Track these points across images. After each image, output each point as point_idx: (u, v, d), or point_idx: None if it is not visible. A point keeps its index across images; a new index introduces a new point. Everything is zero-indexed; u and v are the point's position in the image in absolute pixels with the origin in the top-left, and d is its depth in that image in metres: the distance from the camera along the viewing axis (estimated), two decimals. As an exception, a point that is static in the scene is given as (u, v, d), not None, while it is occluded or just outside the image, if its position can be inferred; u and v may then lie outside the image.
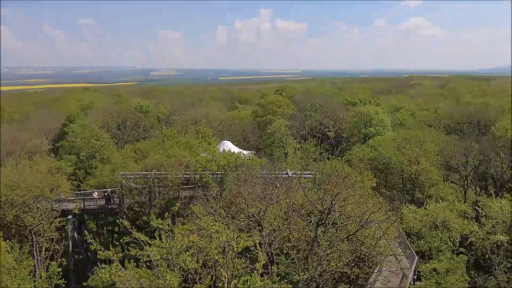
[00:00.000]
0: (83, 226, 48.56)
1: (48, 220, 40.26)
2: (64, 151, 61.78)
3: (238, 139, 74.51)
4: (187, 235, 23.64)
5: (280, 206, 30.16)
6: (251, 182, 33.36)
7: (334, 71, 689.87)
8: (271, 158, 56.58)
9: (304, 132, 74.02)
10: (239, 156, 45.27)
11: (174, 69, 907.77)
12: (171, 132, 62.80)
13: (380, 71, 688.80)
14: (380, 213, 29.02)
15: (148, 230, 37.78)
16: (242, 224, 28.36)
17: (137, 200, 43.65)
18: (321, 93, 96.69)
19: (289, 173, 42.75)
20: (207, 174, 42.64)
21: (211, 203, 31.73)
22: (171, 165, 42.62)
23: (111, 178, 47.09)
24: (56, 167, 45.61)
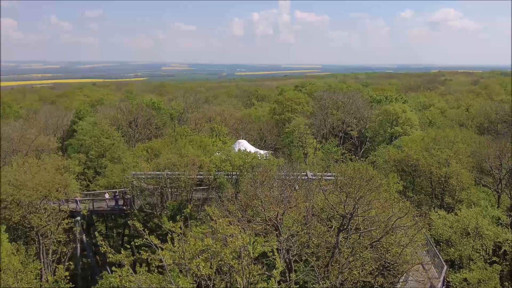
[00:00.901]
0: (92, 228, 49.32)
1: (56, 222, 40.95)
2: (72, 149, 62.83)
3: (254, 138, 74.67)
4: (201, 239, 23.83)
5: (299, 210, 30.13)
6: (268, 184, 33.38)
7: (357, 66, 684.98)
8: (290, 158, 56.57)
9: (325, 131, 73.74)
10: (256, 156, 45.36)
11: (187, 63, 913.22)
12: (184, 131, 63.34)
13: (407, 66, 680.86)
14: (406, 218, 28.76)
15: (159, 233, 38.22)
16: (259, 228, 28.42)
17: (149, 201, 44.17)
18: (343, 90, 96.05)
19: (309, 175, 42.67)
20: (222, 175, 42.86)
21: (225, 205, 31.89)
22: (184, 165, 42.98)
23: (122, 178, 47.73)
24: (64, 166, 46.35)
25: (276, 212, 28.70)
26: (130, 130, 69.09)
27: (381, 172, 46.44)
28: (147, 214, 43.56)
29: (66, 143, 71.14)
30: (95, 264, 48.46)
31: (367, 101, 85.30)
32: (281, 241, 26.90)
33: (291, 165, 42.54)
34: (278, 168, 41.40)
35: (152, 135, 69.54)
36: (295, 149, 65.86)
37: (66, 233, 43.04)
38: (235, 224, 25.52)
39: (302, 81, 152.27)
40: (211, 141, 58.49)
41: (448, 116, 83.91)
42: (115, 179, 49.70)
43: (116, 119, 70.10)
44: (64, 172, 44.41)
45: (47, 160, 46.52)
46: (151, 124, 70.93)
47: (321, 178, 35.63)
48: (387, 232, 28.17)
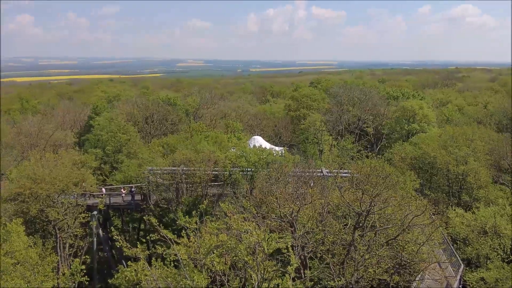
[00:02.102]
0: (108, 222, 49.85)
1: (73, 216, 41.46)
2: (89, 144, 63.51)
3: (269, 134, 74.64)
4: (216, 234, 23.89)
5: (314, 207, 29.99)
6: (284, 180, 33.34)
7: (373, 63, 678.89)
8: (305, 155, 56.42)
9: (341, 128, 73.34)
10: (271, 152, 45.30)
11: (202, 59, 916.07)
12: (200, 126, 63.56)
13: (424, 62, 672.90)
14: (423, 216, 28.45)
15: (174, 228, 38.38)
16: (273, 225, 28.37)
17: (164, 196, 44.44)
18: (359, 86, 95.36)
19: (324, 172, 42.51)
20: (237, 171, 42.90)
21: (240, 201, 31.91)
22: (199, 160, 43.12)
23: (138, 173, 48.09)
24: (81, 161, 46.89)
25: (291, 208, 28.61)
26: (146, 125, 69.55)
27: (398, 169, 46.00)
28: (162, 209, 43.84)
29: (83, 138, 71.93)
30: (111, 258, 48.99)
31: (384, 98, 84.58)
32: (296, 237, 26.81)
33: (306, 162, 42.34)
34: (293, 164, 41.25)
35: (167, 131, 69.92)
36: (311, 146, 65.63)
37: (83, 227, 43.55)
38: (250, 220, 25.51)
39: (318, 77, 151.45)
40: (226, 137, 58.57)
41: (466, 113, 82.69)
42: (131, 174, 50.11)
43: (132, 115, 70.64)
44: (81, 167, 44.90)
45: (64, 154, 47.09)
46: (167, 120, 71.29)
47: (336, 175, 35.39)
48: (403, 230, 27.91)
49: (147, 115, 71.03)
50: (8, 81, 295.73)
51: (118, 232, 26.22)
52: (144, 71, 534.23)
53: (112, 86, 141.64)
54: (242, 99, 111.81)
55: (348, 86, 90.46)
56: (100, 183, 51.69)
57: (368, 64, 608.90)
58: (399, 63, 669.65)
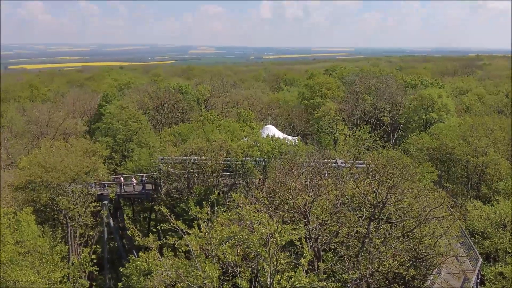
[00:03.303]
0: (119, 212, 50.34)
1: (83, 205, 41.92)
2: (100, 133, 64.00)
3: (282, 123, 74.41)
4: (227, 225, 24.01)
5: (328, 198, 29.98)
6: (297, 170, 33.32)
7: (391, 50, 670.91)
8: (319, 145, 56.22)
9: (356, 117, 72.83)
10: (284, 142, 45.23)
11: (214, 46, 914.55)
12: (211, 115, 63.61)
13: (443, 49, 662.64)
14: (441, 209, 28.26)
15: (186, 218, 38.69)
16: (287, 216, 28.44)
17: (175, 186, 44.72)
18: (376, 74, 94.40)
19: (339, 162, 42.36)
20: (249, 161, 42.94)
21: (253, 191, 31.98)
22: (211, 150, 43.26)
23: (149, 162, 48.40)
24: (92, 149, 47.29)
25: (305, 200, 28.61)
26: (157, 114, 69.79)
27: (415, 160, 45.64)
28: (173, 199, 44.14)
29: (93, 127, 72.45)
30: (122, 248, 49.58)
31: (401, 86, 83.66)
32: (309, 229, 26.84)
33: (320, 152, 42.19)
34: (307, 154, 41.18)
35: (179, 119, 70.08)
36: (325, 136, 65.37)
37: (94, 217, 44.05)
38: (263, 211, 25.60)
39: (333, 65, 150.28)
40: (239, 126, 58.52)
41: (486, 102, 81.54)
42: (142, 163, 50.45)
43: (143, 103, 70.91)
44: (92, 156, 45.28)
45: (75, 143, 47.55)
46: (178, 108, 71.44)
47: (351, 166, 35.26)
48: (420, 222, 27.78)
49: (157, 103, 71.24)
50: (18, 68, 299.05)
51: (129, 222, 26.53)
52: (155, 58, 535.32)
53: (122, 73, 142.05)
54: (255, 87, 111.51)
55: (364, 73, 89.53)
56: (111, 172, 52.15)
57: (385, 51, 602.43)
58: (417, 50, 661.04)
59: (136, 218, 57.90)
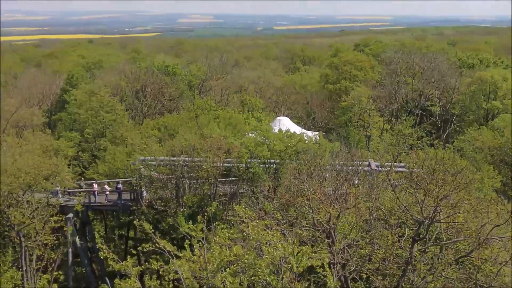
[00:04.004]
0: (88, 228, 50.58)
1: (42, 219, 42.00)
2: (63, 126, 64.42)
3: (299, 114, 74.49)
4: (228, 246, 24.06)
5: (359, 212, 29.93)
6: (318, 176, 33.28)
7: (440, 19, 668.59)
8: (347, 142, 56.12)
9: (396, 107, 72.69)
10: (302, 138, 45.23)
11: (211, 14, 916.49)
12: (207, 103, 63.73)
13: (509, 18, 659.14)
14: (506, 227, 28.07)
15: (174, 237, 38.94)
16: (305, 235, 28.47)
17: (161, 195, 44.87)
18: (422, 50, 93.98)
19: (373, 165, 42.37)
20: (256, 163, 42.99)
21: (261, 203, 32.03)
22: (207, 148, 43.32)
23: (126, 165, 48.59)
24: (53, 147, 47.57)
25: (329, 214, 28.60)
26: (137, 102, 70.09)
27: (472, 163, 45.52)
28: (158, 212, 44.30)
29: (54, 118, 72.88)
30: (91, 274, 49.80)
31: (454, 66, 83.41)
32: (334, 252, 26.84)
33: (349, 152, 42.14)
34: (331, 155, 41.15)
35: (165, 109, 70.29)
36: (355, 130, 65.34)
37: (55, 234, 44.17)
38: (274, 228, 25.62)
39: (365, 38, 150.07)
40: (243, 118, 58.55)
41: None
42: (118, 165, 50.64)
43: (119, 88, 71.19)
44: (54, 155, 45.47)
45: (31, 139, 47.87)
46: (164, 94, 71.65)
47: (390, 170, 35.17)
48: (479, 244, 27.62)
49: (138, 88, 71.48)
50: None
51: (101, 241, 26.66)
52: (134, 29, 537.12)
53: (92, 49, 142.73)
54: (264, 67, 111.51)
55: (406, 49, 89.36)
56: (78, 177, 52.41)
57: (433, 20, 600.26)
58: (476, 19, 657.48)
59: (110, 236, 58.14)
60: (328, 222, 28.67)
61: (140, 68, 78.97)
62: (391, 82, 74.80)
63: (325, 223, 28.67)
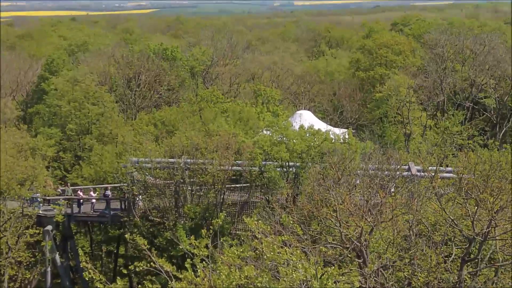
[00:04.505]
0: (70, 243, 50.82)
1: (15, 231, 42.33)
2: (41, 120, 64.77)
3: (324, 108, 74.36)
4: (238, 267, 24.10)
5: (396, 227, 29.83)
6: (347, 182, 33.18)
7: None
8: (382, 142, 55.97)
9: (442, 99, 72.34)
10: (327, 137, 45.14)
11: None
12: (214, 94, 63.74)
13: None
14: None
15: (173, 255, 39.05)
16: (331, 254, 28.40)
17: (157, 204, 44.94)
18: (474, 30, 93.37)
19: (414, 170, 42.17)
20: (272, 166, 42.96)
21: (277, 214, 32.01)
22: (213, 149, 43.36)
23: (116, 168, 48.73)
24: (30, 146, 47.79)
25: (360, 228, 28.52)
26: (129, 92, 70.27)
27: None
28: (154, 225, 44.41)
29: (31, 111, 73.27)
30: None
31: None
32: (366, 275, 26.78)
33: (384, 153, 42.02)
34: (363, 157, 41.02)
35: (162, 100, 70.45)
36: (391, 127, 65.02)
37: (31, 250, 44.43)
38: (293, 245, 25.62)
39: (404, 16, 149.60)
40: (256, 112, 58.54)
41: None
42: (106, 168, 50.80)
43: (108, 75, 71.44)
44: (30, 156, 45.65)
45: (3, 136, 48.12)
46: (162, 83, 71.82)
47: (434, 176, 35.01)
48: (542, 266, 27.51)
49: (130, 75, 71.68)
50: None
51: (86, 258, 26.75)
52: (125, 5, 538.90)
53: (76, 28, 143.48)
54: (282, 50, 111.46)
55: (455, 30, 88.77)
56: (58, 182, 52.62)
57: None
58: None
59: (96, 253, 58.41)
60: (358, 238, 28.58)
61: (132, 52, 79.11)
62: (436, 69, 74.38)
63: (355, 240, 28.58)
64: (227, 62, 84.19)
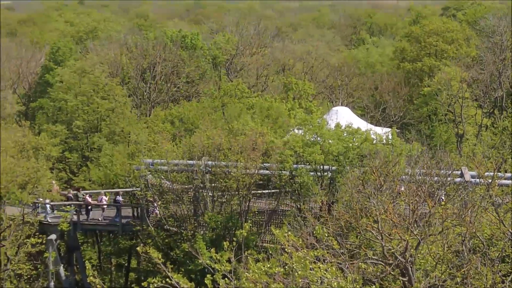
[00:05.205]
0: (76, 254, 51.13)
1: (16, 241, 42.65)
2: (45, 117, 65.23)
3: (364, 104, 74.02)
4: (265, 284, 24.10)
5: (446, 241, 29.63)
6: (391, 189, 33.01)
7: None
8: (431, 143, 55.62)
9: (501, 94, 71.69)
10: (368, 137, 44.93)
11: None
12: (238, 88, 63.75)
13: None
14: None
15: (191, 269, 39.12)
16: (371, 271, 28.28)
17: (174, 212, 45.05)
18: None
19: (467, 176, 41.90)
20: (305, 170, 42.84)
21: (310, 225, 31.94)
22: (237, 150, 43.35)
23: (128, 170, 48.88)
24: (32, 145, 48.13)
25: (405, 242, 28.37)
26: (143, 84, 70.60)
27: None
28: (170, 235, 44.54)
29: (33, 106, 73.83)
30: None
31: None
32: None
33: (433, 156, 41.75)
34: (408, 160, 40.78)
35: (180, 94, 70.64)
36: (441, 127, 64.58)
37: (32, 262, 44.73)
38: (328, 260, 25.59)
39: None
40: (286, 108, 58.47)
41: None
42: (117, 170, 51.02)
43: (120, 66, 71.81)
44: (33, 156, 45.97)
45: (3, 133, 48.55)
46: (180, 75, 71.96)
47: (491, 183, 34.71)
48: None
49: (145, 66, 72.00)
50: None
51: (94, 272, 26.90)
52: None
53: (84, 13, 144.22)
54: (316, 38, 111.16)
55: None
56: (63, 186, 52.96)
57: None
58: None
59: (105, 266, 58.70)
60: (403, 254, 28.42)
61: (147, 40, 79.42)
62: (494, 60, 73.76)
63: (399, 255, 28.43)
64: (254, 51, 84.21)
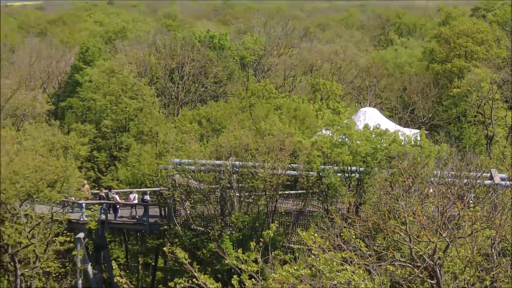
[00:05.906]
0: (104, 253, 51.40)
1: (44, 239, 42.82)
2: (74, 116, 65.62)
3: (393, 105, 73.71)
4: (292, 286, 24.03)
5: (476, 243, 29.37)
6: (419, 191, 32.80)
7: None
8: (460, 145, 55.22)
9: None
10: (396, 138, 44.69)
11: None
12: (266, 88, 63.74)
13: None
14: None
15: (218, 270, 39.17)
16: (399, 273, 28.14)
17: (201, 211, 45.09)
18: None
19: (497, 178, 41.52)
20: (333, 171, 42.69)
21: (337, 226, 31.83)
22: (264, 150, 43.30)
23: (156, 170, 49.01)
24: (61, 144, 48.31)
25: (433, 244, 28.18)
26: (171, 85, 70.77)
27: None
28: (197, 235, 44.60)
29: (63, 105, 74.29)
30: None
31: None
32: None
33: (462, 158, 41.43)
34: (437, 162, 40.51)
35: (208, 95, 70.73)
36: (470, 128, 64.09)
37: (61, 260, 44.97)
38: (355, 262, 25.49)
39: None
40: (314, 109, 58.33)
41: None
42: (144, 170, 51.22)
43: (148, 66, 72.05)
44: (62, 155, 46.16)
45: (32, 132, 48.82)
46: (208, 75, 72.09)
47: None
48: None
49: (173, 66, 72.17)
50: None
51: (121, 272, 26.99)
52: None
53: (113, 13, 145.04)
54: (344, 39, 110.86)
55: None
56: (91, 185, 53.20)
57: None
58: None
59: (132, 265, 58.92)
60: (431, 256, 28.23)
61: (175, 40, 79.61)
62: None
63: (428, 257, 28.24)
64: (282, 51, 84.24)
